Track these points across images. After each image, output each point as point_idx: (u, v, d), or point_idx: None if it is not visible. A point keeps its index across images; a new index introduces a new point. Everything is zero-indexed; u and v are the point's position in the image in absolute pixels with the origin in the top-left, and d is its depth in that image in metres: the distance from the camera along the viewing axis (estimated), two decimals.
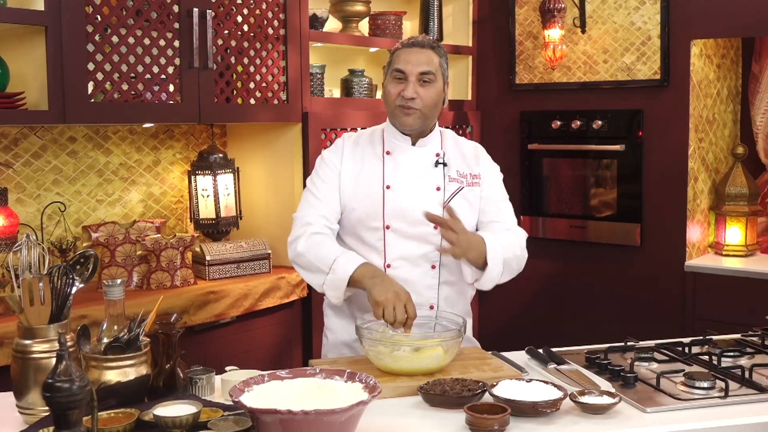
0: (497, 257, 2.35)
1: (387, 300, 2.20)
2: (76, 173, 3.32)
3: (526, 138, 4.35)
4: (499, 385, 1.95)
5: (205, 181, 3.52)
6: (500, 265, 2.36)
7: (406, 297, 2.23)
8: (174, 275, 3.26)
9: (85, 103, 2.85)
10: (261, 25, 3.41)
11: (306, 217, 2.47)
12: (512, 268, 2.43)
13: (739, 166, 4.04)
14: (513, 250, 2.42)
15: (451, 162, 2.51)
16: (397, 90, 2.43)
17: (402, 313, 2.19)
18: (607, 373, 2.16)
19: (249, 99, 3.40)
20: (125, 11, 2.97)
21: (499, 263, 2.36)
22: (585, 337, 2.98)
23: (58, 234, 3.22)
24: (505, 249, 2.39)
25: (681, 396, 1.99)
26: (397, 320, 2.19)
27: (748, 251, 3.99)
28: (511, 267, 2.42)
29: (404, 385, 2.04)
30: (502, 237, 2.42)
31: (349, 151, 2.53)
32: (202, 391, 2.06)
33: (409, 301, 2.22)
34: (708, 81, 4.01)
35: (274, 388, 1.78)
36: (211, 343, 3.24)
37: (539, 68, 4.27)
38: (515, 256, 2.43)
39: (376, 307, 2.21)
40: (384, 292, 2.22)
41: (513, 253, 2.42)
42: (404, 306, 2.20)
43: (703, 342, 2.43)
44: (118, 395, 1.88)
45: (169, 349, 2.01)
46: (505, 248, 2.39)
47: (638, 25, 3.95)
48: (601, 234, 4.15)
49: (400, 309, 2.19)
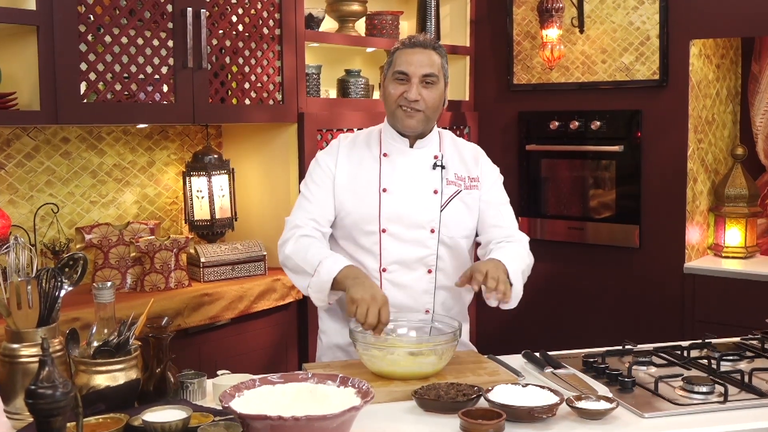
0: (517, 275, 2.30)
1: (362, 300, 2.15)
2: (69, 174, 3.29)
3: (524, 139, 4.32)
4: (495, 390, 1.92)
5: (200, 182, 3.49)
6: (521, 281, 2.32)
7: (383, 301, 2.17)
8: (168, 277, 3.23)
9: (77, 104, 2.82)
10: (256, 24, 3.38)
11: (296, 220, 2.44)
12: (526, 276, 2.41)
13: (738, 167, 4.01)
14: (524, 261, 2.40)
15: (449, 164, 2.48)
16: (398, 91, 2.39)
17: (374, 315, 2.13)
18: (604, 377, 2.13)
19: (244, 99, 3.37)
20: (118, 11, 2.94)
21: (520, 280, 2.32)
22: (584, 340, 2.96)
23: (51, 236, 3.19)
24: (519, 262, 2.35)
25: (679, 401, 1.96)
26: (367, 322, 2.13)
27: (747, 253, 3.96)
28: (526, 277, 2.39)
29: (398, 390, 2.01)
30: (513, 251, 2.37)
31: (345, 152, 2.50)
32: (193, 396, 2.04)
33: (384, 305, 2.16)
34: (707, 81, 3.99)
35: (266, 393, 1.75)
36: (205, 346, 3.21)
37: (537, 68, 4.24)
38: (527, 265, 2.42)
39: (351, 304, 2.16)
40: (361, 292, 2.17)
41: (525, 264, 2.40)
42: (378, 310, 2.15)
43: (702, 346, 2.40)
44: (108, 400, 1.86)
45: (159, 352, 1.98)
46: (519, 261, 2.35)
47: (637, 25, 3.92)
48: (600, 236, 4.12)
49: (373, 312, 2.14)
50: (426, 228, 2.41)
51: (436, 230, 2.42)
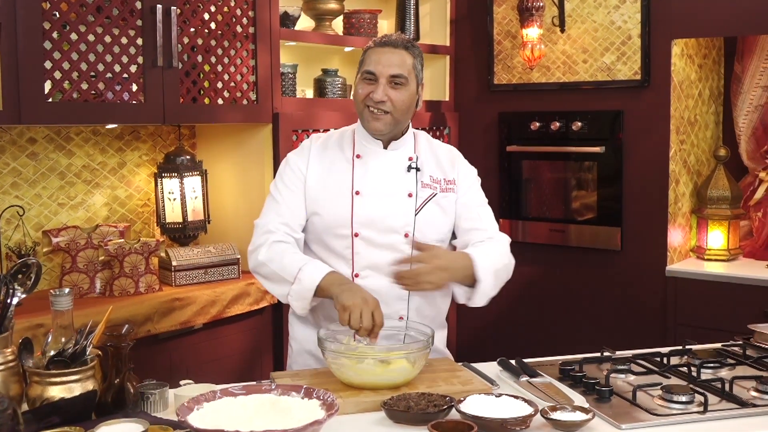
0: (487, 271, 2.25)
1: (354, 305, 2.09)
2: (36, 176, 3.20)
3: (504, 140, 4.26)
4: (467, 401, 1.85)
5: (172, 184, 3.41)
6: (491, 278, 2.26)
7: (375, 304, 2.12)
8: (138, 281, 3.15)
9: (41, 103, 2.73)
10: (229, 22, 3.30)
11: (267, 224, 2.36)
12: (502, 277, 2.35)
13: (721, 168, 3.96)
14: (501, 260, 2.33)
15: (424, 167, 2.41)
16: (365, 91, 2.32)
17: (368, 319, 2.08)
18: (581, 386, 2.07)
19: (217, 99, 3.29)
20: (85, 7, 2.85)
21: (490, 276, 2.26)
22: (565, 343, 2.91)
23: (17, 239, 3.10)
24: (494, 260, 2.29)
25: (658, 411, 1.89)
26: (363, 327, 2.08)
27: (730, 256, 3.91)
28: (501, 277, 2.33)
29: (368, 400, 1.94)
30: (488, 248, 2.32)
31: (316, 153, 2.43)
32: (154, 407, 1.95)
33: (377, 308, 2.11)
34: (689, 81, 3.94)
35: (226, 406, 1.68)
36: (177, 352, 3.13)
37: (518, 68, 4.18)
38: (504, 265, 2.35)
39: (343, 311, 2.10)
40: (352, 298, 2.11)
41: (501, 263, 2.33)
42: (371, 313, 2.10)
43: (682, 352, 2.34)
44: (62, 412, 1.78)
45: (118, 362, 1.90)
46: (494, 259, 2.30)
47: (618, 24, 3.87)
48: (582, 238, 4.07)
49: (367, 315, 2.09)
50: (400, 232, 2.34)
51: (410, 234, 2.34)
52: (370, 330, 2.09)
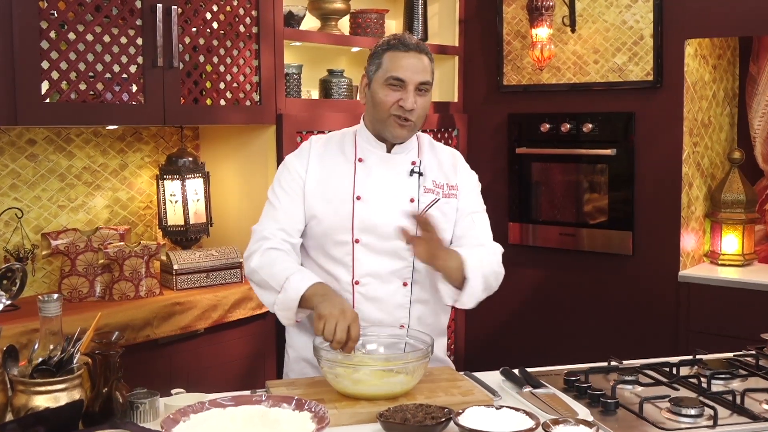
0: (476, 272, 2.18)
1: (331, 315, 2.01)
2: (35, 177, 3.15)
3: (514, 141, 4.18)
4: (466, 413, 1.78)
5: (173, 186, 3.35)
6: (480, 279, 2.19)
7: (352, 317, 2.03)
8: (138, 285, 3.09)
9: (38, 104, 2.68)
10: (232, 22, 3.24)
11: (263, 230, 2.30)
12: (490, 285, 2.27)
13: (735, 171, 3.87)
14: (491, 266, 2.26)
15: (427, 171, 2.34)
16: (393, 98, 2.23)
17: (342, 331, 1.99)
18: (586, 397, 1.99)
19: (219, 100, 3.24)
20: (83, 6, 2.80)
21: (479, 277, 2.19)
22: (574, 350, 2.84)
23: (16, 242, 3.06)
24: (483, 264, 2.22)
25: (665, 425, 1.82)
26: (336, 338, 1.99)
27: (744, 261, 3.82)
28: (489, 284, 2.26)
29: (364, 411, 1.87)
30: (478, 252, 2.25)
31: (316, 156, 2.36)
32: (143, 417, 1.89)
33: (354, 321, 2.02)
34: (703, 82, 3.85)
35: (214, 417, 1.62)
36: (177, 357, 3.08)
37: (528, 69, 4.11)
38: (493, 271, 2.27)
39: (318, 320, 2.02)
40: (329, 308, 2.03)
41: (491, 269, 2.26)
42: (348, 326, 2.01)
43: (692, 362, 2.26)
44: (47, 422, 1.72)
45: (107, 370, 1.84)
46: (483, 263, 2.23)
47: (630, 24, 3.78)
48: (593, 242, 3.98)
49: (342, 327, 1.99)
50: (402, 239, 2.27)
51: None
52: (344, 343, 2.01)
